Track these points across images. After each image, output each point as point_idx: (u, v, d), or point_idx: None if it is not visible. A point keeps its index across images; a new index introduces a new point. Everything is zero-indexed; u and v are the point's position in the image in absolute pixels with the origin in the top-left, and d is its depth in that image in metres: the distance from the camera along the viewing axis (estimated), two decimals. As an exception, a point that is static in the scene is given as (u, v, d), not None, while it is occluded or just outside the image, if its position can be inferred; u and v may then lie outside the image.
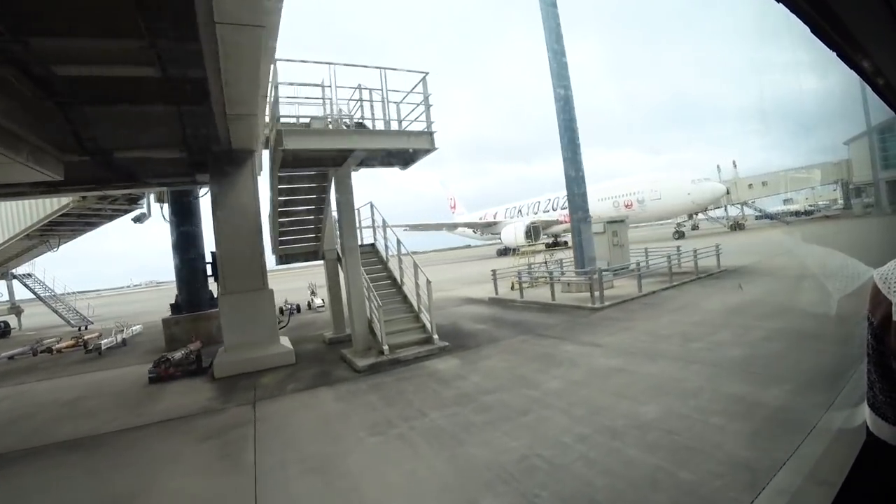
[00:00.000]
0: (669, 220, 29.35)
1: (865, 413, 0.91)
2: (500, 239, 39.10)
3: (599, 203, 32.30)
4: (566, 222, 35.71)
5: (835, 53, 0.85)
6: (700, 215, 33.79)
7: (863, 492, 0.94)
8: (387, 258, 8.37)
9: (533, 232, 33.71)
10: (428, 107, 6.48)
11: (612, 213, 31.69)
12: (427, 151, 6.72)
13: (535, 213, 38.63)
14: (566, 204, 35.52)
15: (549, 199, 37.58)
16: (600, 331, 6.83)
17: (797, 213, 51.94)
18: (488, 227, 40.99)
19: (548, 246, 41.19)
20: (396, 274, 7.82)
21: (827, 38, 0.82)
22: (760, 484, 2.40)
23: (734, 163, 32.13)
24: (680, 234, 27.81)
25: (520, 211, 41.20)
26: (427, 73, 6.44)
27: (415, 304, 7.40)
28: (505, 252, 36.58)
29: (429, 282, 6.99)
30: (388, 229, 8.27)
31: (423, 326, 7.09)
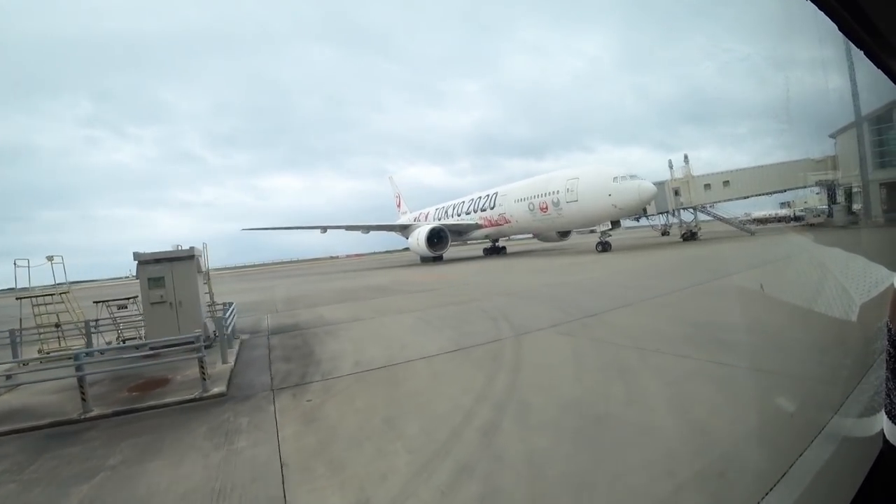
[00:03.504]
0: (593, 229, 23.09)
1: (882, 421, 0.88)
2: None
3: (517, 205, 26.47)
4: (488, 226, 29.83)
5: (862, 52, 0.85)
6: (672, 219, 27.60)
7: (878, 499, 0.91)
8: None
9: (438, 238, 27.67)
10: None
11: (529, 217, 25.78)
12: None
13: (459, 216, 32.78)
14: (487, 205, 29.65)
15: (473, 200, 31.68)
16: None
17: (787, 219, 45.42)
18: (403, 231, 35.14)
19: (487, 252, 35.29)
20: None
21: (855, 36, 0.82)
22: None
23: (685, 157, 25.83)
24: (604, 247, 21.68)
25: (446, 212, 35.41)
26: None
27: None
28: (434, 258, 30.66)
29: None
30: None
31: None
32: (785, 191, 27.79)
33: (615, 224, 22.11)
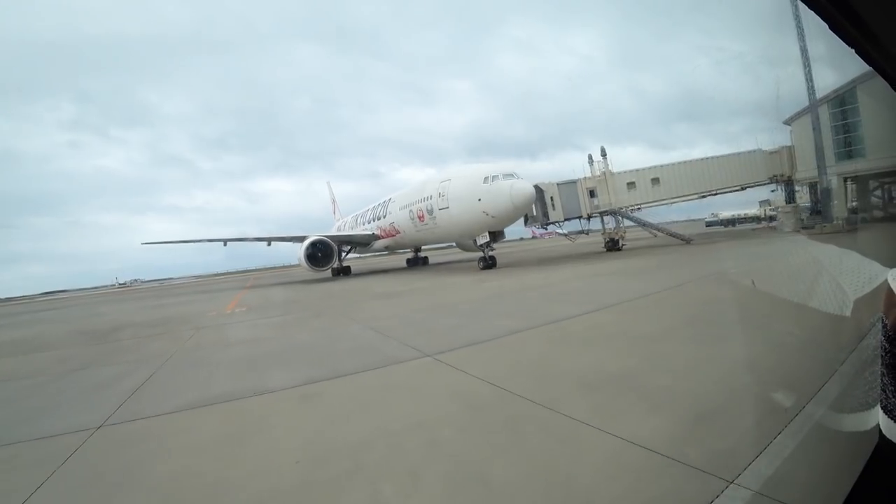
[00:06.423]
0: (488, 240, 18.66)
1: (878, 416, 0.86)
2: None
3: (400, 213, 22.34)
4: (385, 237, 25.67)
5: (853, 51, 0.83)
6: (587, 224, 23.12)
7: (874, 494, 0.90)
8: None
9: (322, 253, 23.51)
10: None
11: (412, 227, 21.60)
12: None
13: (364, 225, 28.68)
14: (381, 213, 25.28)
15: (374, 207, 27.47)
16: None
17: (757, 219, 40.82)
18: (302, 242, 30.95)
19: (410, 262, 31.06)
20: None
21: (846, 34, 0.81)
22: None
23: (602, 150, 21.51)
24: (487, 264, 17.43)
25: (357, 220, 31.32)
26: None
27: None
28: (338, 272, 26.57)
29: None
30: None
31: None
32: (743, 188, 23.27)
33: (494, 235, 17.77)
